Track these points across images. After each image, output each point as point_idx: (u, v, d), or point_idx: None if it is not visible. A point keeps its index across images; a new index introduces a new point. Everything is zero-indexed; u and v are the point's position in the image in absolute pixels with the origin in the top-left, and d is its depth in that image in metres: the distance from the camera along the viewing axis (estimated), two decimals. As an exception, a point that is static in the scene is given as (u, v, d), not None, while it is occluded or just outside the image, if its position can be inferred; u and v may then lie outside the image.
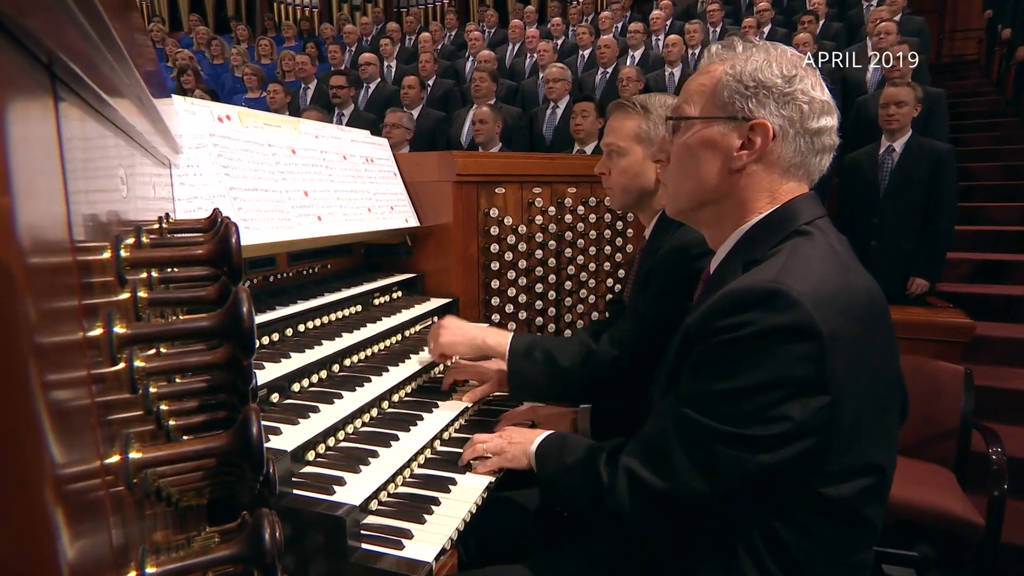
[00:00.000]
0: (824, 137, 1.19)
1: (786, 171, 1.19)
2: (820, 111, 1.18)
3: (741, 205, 1.22)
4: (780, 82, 1.17)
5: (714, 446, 1.03)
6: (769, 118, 1.16)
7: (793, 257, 1.08)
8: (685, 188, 1.26)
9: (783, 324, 0.99)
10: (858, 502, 1.07)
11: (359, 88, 6.83)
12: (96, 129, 0.54)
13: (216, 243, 0.51)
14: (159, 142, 1.03)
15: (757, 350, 1.00)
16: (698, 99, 1.24)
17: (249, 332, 0.45)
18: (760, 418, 1.00)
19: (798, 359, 0.99)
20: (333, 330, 1.78)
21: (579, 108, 4.76)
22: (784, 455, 1.01)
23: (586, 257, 2.75)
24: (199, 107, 1.65)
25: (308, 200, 1.88)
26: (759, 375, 1.00)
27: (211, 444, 0.46)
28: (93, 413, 0.37)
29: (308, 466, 1.33)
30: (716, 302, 1.05)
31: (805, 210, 1.19)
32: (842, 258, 1.13)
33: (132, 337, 0.44)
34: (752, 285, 1.03)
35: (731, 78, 1.19)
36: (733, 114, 1.19)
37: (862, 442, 1.06)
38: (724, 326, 1.03)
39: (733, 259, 1.20)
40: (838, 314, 1.01)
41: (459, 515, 1.28)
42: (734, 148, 1.19)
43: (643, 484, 1.11)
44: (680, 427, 1.07)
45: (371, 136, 2.45)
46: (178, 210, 1.46)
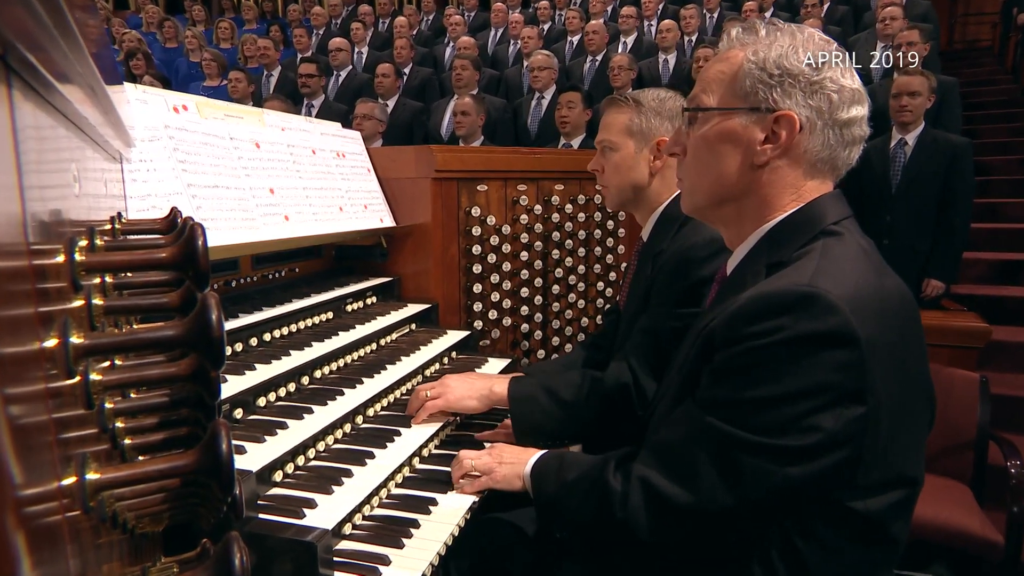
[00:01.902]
0: (854, 128, 1.19)
1: (813, 166, 1.20)
2: (851, 100, 1.17)
3: (764, 202, 1.22)
4: (807, 70, 1.16)
5: (741, 456, 1.04)
6: (795, 109, 1.16)
7: (825, 259, 1.09)
8: (703, 184, 1.26)
9: (821, 330, 1.00)
10: (886, 517, 1.09)
11: (328, 76, 6.82)
12: (47, 119, 0.54)
13: (181, 246, 0.51)
14: (110, 134, 1.03)
15: (792, 357, 1.01)
16: (717, 88, 1.23)
17: (219, 341, 0.45)
18: (792, 428, 1.01)
19: (835, 367, 1.00)
20: (302, 339, 1.78)
21: (565, 99, 4.79)
22: (815, 467, 1.02)
23: (575, 259, 2.76)
24: (152, 96, 1.64)
25: (274, 198, 1.88)
26: (793, 383, 1.01)
27: (177, 463, 0.46)
28: (51, 430, 0.37)
29: (275, 487, 1.32)
30: (745, 306, 1.05)
31: (831, 209, 1.20)
32: (873, 260, 1.14)
33: (90, 348, 0.44)
34: (786, 288, 1.04)
35: (754, 65, 1.18)
36: (756, 105, 1.18)
37: (895, 453, 1.07)
38: (755, 331, 1.03)
39: (754, 260, 1.21)
40: (875, 319, 1.02)
41: (440, 538, 1.29)
42: (757, 142, 1.19)
43: (661, 495, 1.12)
44: (704, 436, 1.08)
45: (342, 129, 2.45)
46: (130, 209, 1.45)
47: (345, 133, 2.44)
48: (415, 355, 2.01)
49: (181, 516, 0.68)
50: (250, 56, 7.71)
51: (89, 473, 0.46)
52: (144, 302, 0.55)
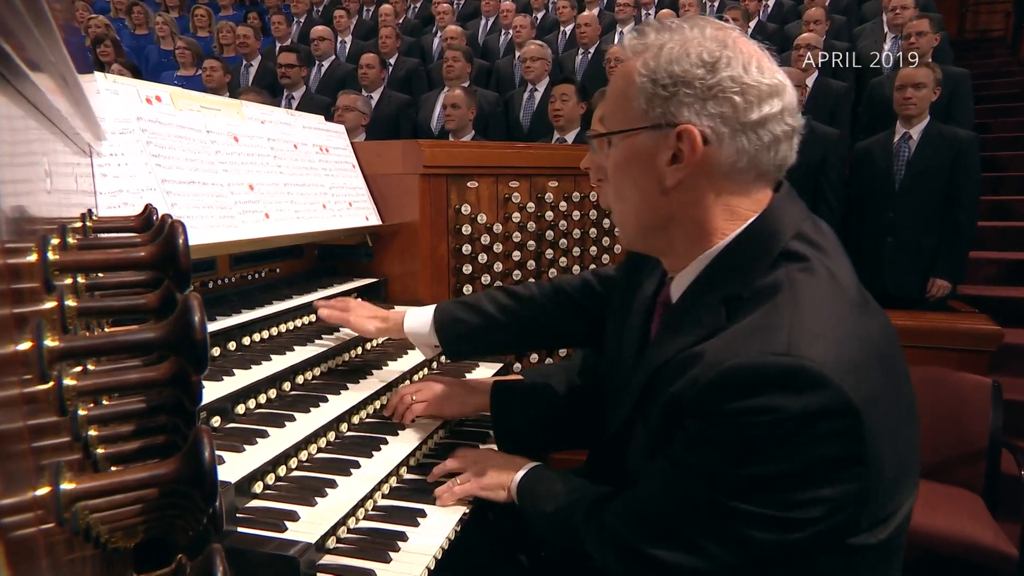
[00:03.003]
0: (772, 126, 1.11)
1: (734, 177, 1.13)
2: (759, 98, 1.10)
3: (696, 227, 1.17)
4: (701, 73, 1.09)
5: (743, 529, 1.02)
6: (695, 120, 1.10)
7: (797, 309, 1.03)
8: (625, 214, 1.23)
9: (813, 408, 0.96)
10: (892, 537, 1.09)
11: (310, 67, 6.81)
12: (17, 110, 0.54)
13: (161, 244, 0.51)
14: (80, 126, 1.02)
15: (784, 437, 0.97)
16: (616, 108, 1.19)
17: (202, 344, 0.45)
18: (796, 503, 1.00)
19: (833, 439, 0.98)
20: (283, 343, 1.77)
21: (558, 91, 4.80)
22: (818, 529, 1.01)
23: (569, 259, 2.77)
24: (123, 86, 1.64)
25: (253, 195, 1.87)
26: (790, 463, 0.98)
27: (157, 472, 0.46)
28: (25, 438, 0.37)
29: (255, 499, 1.32)
30: (718, 380, 1.00)
31: (784, 220, 1.15)
32: (849, 293, 1.09)
33: (65, 351, 0.44)
34: (765, 363, 0.98)
35: (645, 79, 1.12)
36: (655, 122, 1.12)
37: (897, 484, 1.07)
38: (737, 410, 0.98)
39: (706, 290, 1.15)
40: (866, 375, 1.00)
41: (429, 551, 1.29)
42: (664, 162, 1.13)
43: (641, 555, 1.11)
44: (694, 507, 1.06)
45: (325, 122, 2.45)
46: (101, 206, 1.45)
47: (328, 127, 2.44)
48: (402, 359, 2.00)
49: (157, 529, 0.68)
50: (226, 44, 7.68)
51: (63, 483, 0.46)
52: (120, 303, 0.55)
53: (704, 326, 1.11)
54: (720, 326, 1.09)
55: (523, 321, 1.73)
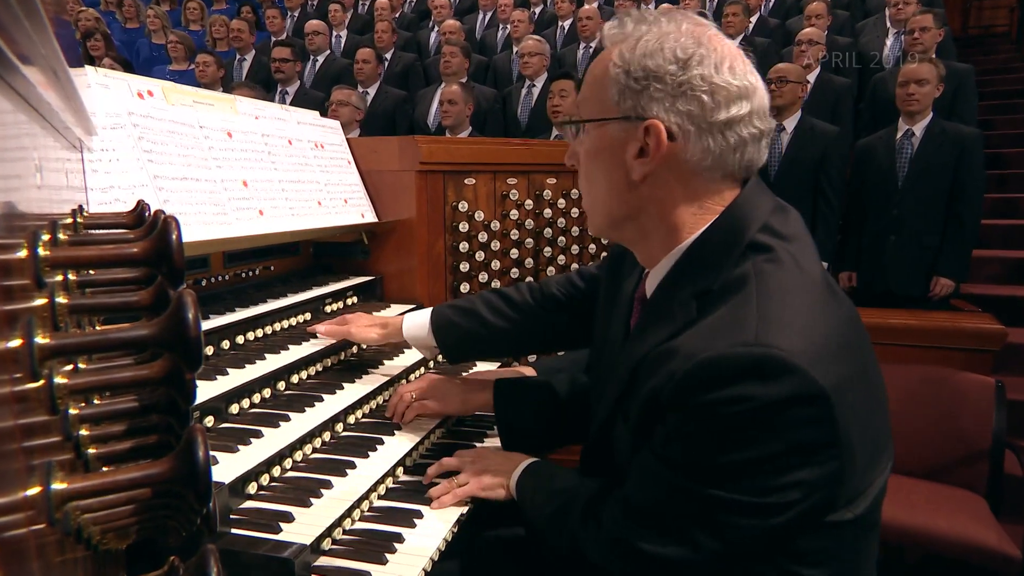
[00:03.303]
0: (739, 128, 1.13)
1: (700, 175, 1.16)
2: (727, 98, 1.12)
3: (664, 221, 1.20)
4: (673, 68, 1.11)
5: (725, 517, 1.06)
6: (663, 116, 1.12)
7: (765, 299, 1.06)
8: (596, 202, 1.26)
9: (784, 395, 0.99)
10: (870, 510, 1.13)
11: (305, 62, 6.80)
12: (8, 104, 0.54)
13: (154, 240, 0.51)
14: (71, 121, 1.02)
15: (758, 424, 1.01)
16: (591, 96, 1.21)
17: (196, 341, 0.45)
18: (772, 488, 1.03)
19: (805, 425, 1.01)
20: (278, 342, 1.77)
21: (557, 87, 4.80)
22: (798, 511, 1.05)
23: (568, 257, 2.77)
24: (114, 80, 1.63)
25: (248, 191, 1.87)
26: (765, 449, 1.02)
27: (151, 471, 0.46)
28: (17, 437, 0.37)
29: (249, 500, 1.32)
30: (694, 372, 1.03)
31: (751, 214, 1.16)
32: (815, 281, 1.12)
33: (57, 348, 0.44)
34: (735, 354, 1.01)
35: (620, 70, 1.15)
36: (626, 114, 1.15)
37: (871, 463, 1.12)
38: (711, 401, 1.02)
39: (677, 285, 1.18)
40: (834, 362, 1.03)
41: (426, 553, 1.29)
42: (631, 155, 1.16)
43: (639, 552, 1.14)
44: (679, 498, 1.09)
45: (320, 118, 2.44)
46: (92, 202, 1.44)
47: (324, 122, 2.44)
48: (399, 358, 2.01)
49: (149, 531, 0.68)
50: (219, 38, 7.67)
51: (55, 483, 0.46)
52: (112, 300, 0.55)
53: (676, 321, 1.14)
54: (691, 320, 1.12)
55: (519, 326, 1.77)
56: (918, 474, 2.83)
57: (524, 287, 1.82)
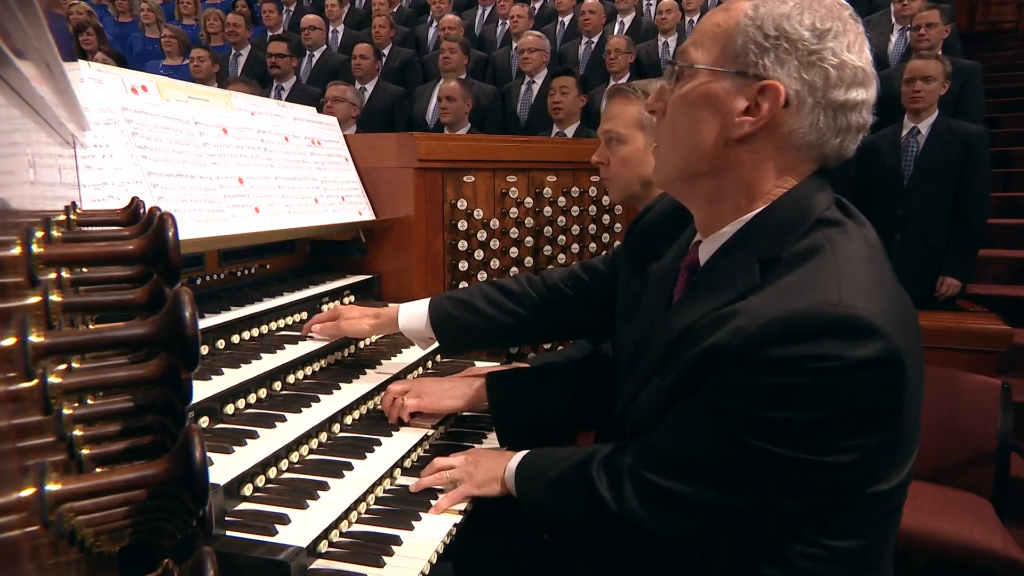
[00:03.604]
0: (852, 114, 1.15)
1: (798, 150, 1.16)
2: (851, 80, 1.12)
3: (744, 185, 1.19)
4: (808, 35, 1.11)
5: (771, 470, 1.08)
6: (785, 80, 1.12)
7: (843, 263, 1.08)
8: (675, 152, 1.23)
9: (866, 357, 1.01)
10: (900, 488, 1.17)
11: (301, 57, 6.79)
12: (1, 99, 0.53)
13: (150, 237, 0.51)
14: (64, 116, 1.02)
15: (835, 385, 1.02)
16: (709, 43, 1.19)
17: (193, 340, 0.45)
18: (832, 448, 1.05)
19: (879, 388, 1.03)
20: (274, 341, 1.77)
21: (558, 83, 4.80)
22: (847, 476, 1.08)
23: (568, 256, 2.77)
24: (107, 75, 1.63)
25: (243, 188, 1.87)
26: (836, 409, 1.03)
27: (146, 472, 0.46)
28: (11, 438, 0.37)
29: (244, 502, 1.32)
30: (769, 327, 1.04)
31: (820, 195, 1.18)
32: (882, 256, 1.16)
33: (52, 347, 0.44)
34: (820, 310, 1.03)
35: (751, 23, 1.13)
36: (744, 69, 1.14)
37: (913, 439, 1.16)
38: (789, 356, 1.02)
39: (738, 252, 1.18)
40: (904, 329, 1.05)
41: (424, 556, 1.28)
42: (736, 111, 1.15)
43: (662, 490, 1.16)
44: (728, 447, 1.10)
45: (317, 114, 2.45)
46: (84, 199, 1.44)
47: (320, 119, 2.44)
48: (396, 358, 2.01)
49: (144, 533, 0.68)
50: (213, 33, 7.65)
51: (49, 484, 0.46)
52: (107, 299, 0.55)
53: (737, 286, 1.14)
54: (755, 285, 1.13)
55: (519, 320, 1.78)
56: (923, 477, 2.83)
57: (523, 279, 1.83)
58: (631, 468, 1.20)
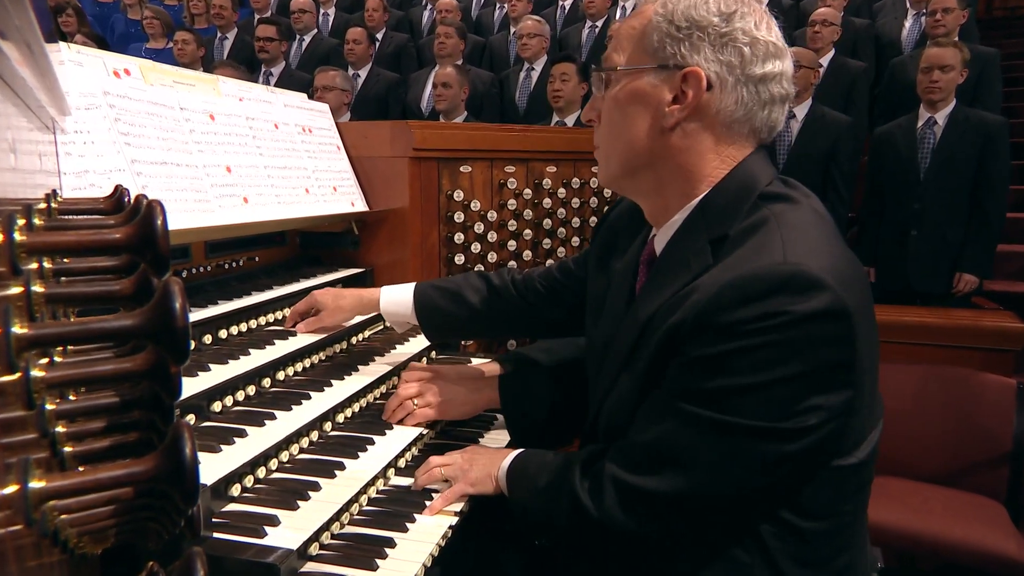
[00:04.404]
0: (771, 85, 1.24)
1: (728, 127, 1.25)
2: (765, 54, 1.22)
3: (685, 171, 1.28)
4: (717, 20, 1.21)
5: (739, 443, 1.13)
6: (703, 65, 1.22)
7: (787, 229, 1.15)
8: (615, 150, 1.33)
9: (816, 309, 1.07)
10: (866, 463, 1.22)
11: (291, 41, 6.77)
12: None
13: (138, 225, 0.51)
14: (45, 100, 1.02)
15: (787, 341, 1.08)
16: (627, 45, 1.30)
17: (183, 332, 0.45)
18: (793, 411, 1.10)
19: (830, 343, 1.09)
20: (263, 337, 1.77)
21: (558, 71, 4.79)
22: (812, 440, 1.12)
23: (568, 249, 2.77)
24: (89, 57, 1.62)
25: (231, 177, 1.87)
26: (791, 367, 1.08)
27: (135, 469, 0.46)
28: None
29: (232, 503, 1.32)
30: (722, 293, 1.11)
31: (762, 170, 1.27)
32: (829, 222, 1.23)
33: (35, 339, 0.44)
34: (767, 270, 1.09)
35: (662, 19, 1.24)
36: (664, 62, 1.24)
37: (872, 405, 1.22)
38: (743, 318, 1.08)
39: (690, 236, 1.26)
40: (853, 288, 1.11)
41: (419, 559, 1.29)
42: (665, 102, 1.25)
43: (640, 490, 1.20)
44: (694, 428, 1.15)
45: (308, 100, 2.44)
46: (65, 187, 1.44)
47: (312, 105, 2.43)
48: (390, 355, 2.01)
49: (129, 534, 0.68)
50: (197, 14, 7.63)
51: (32, 481, 0.46)
52: (93, 290, 0.55)
53: (693, 268, 1.22)
54: (707, 265, 1.21)
55: (500, 315, 1.86)
56: (934, 479, 2.84)
57: (506, 274, 1.89)
58: (611, 474, 1.24)
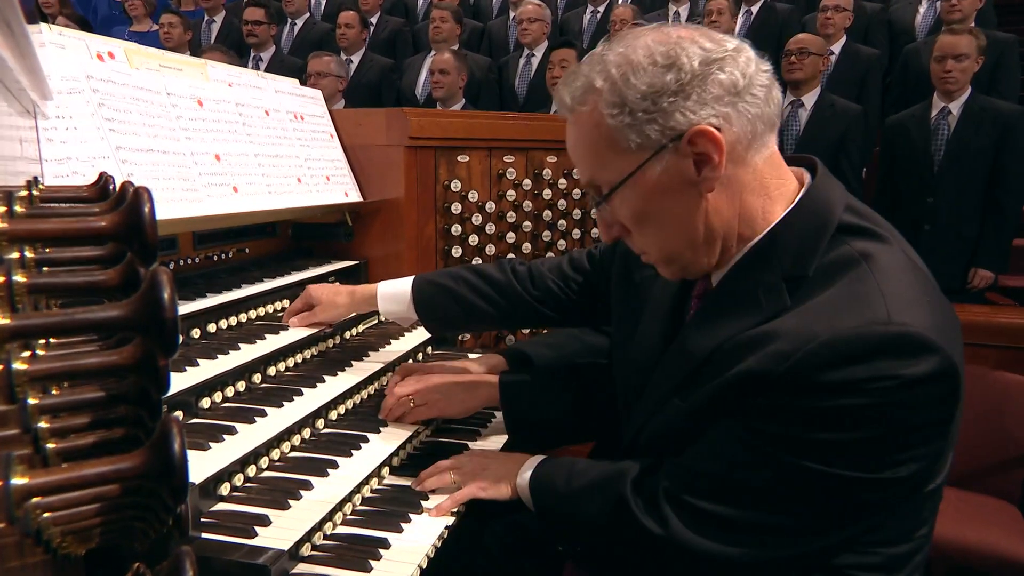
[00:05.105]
0: (757, 79, 1.18)
1: (750, 145, 1.19)
2: (733, 64, 1.15)
3: (740, 218, 1.23)
4: (670, 76, 1.13)
5: (833, 492, 1.12)
6: (695, 119, 1.14)
7: (883, 277, 1.12)
8: (677, 247, 1.25)
9: (925, 372, 1.05)
10: (941, 484, 1.23)
11: (281, 25, 6.75)
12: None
13: (124, 213, 0.51)
14: (26, 83, 1.01)
15: (895, 402, 1.07)
16: (603, 158, 1.22)
17: (172, 323, 0.45)
18: (891, 462, 1.10)
19: (938, 403, 1.09)
20: (253, 331, 1.77)
21: (557, 57, 4.79)
22: (906, 487, 1.14)
23: (569, 242, 2.77)
24: (71, 40, 1.62)
25: (220, 166, 1.86)
26: (896, 425, 1.08)
27: (122, 465, 0.46)
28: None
29: (221, 502, 1.32)
30: (817, 352, 1.07)
31: (830, 194, 1.22)
32: (920, 266, 1.20)
33: (18, 330, 0.43)
34: (869, 332, 1.06)
35: (617, 113, 1.16)
36: (658, 144, 1.16)
37: (956, 432, 1.19)
38: (848, 379, 1.06)
39: (758, 272, 1.21)
40: (954, 339, 1.10)
41: (414, 560, 1.29)
42: (692, 174, 1.17)
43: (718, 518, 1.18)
44: (784, 474, 1.13)
45: (300, 86, 2.43)
46: (47, 174, 1.43)
47: (304, 91, 2.43)
48: (384, 350, 2.01)
49: (114, 533, 0.68)
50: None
51: (14, 477, 0.46)
52: (77, 280, 0.55)
53: (764, 308, 1.17)
54: (783, 306, 1.16)
55: (505, 312, 1.84)
56: (947, 481, 2.84)
57: (508, 268, 1.86)
58: (668, 491, 1.22)
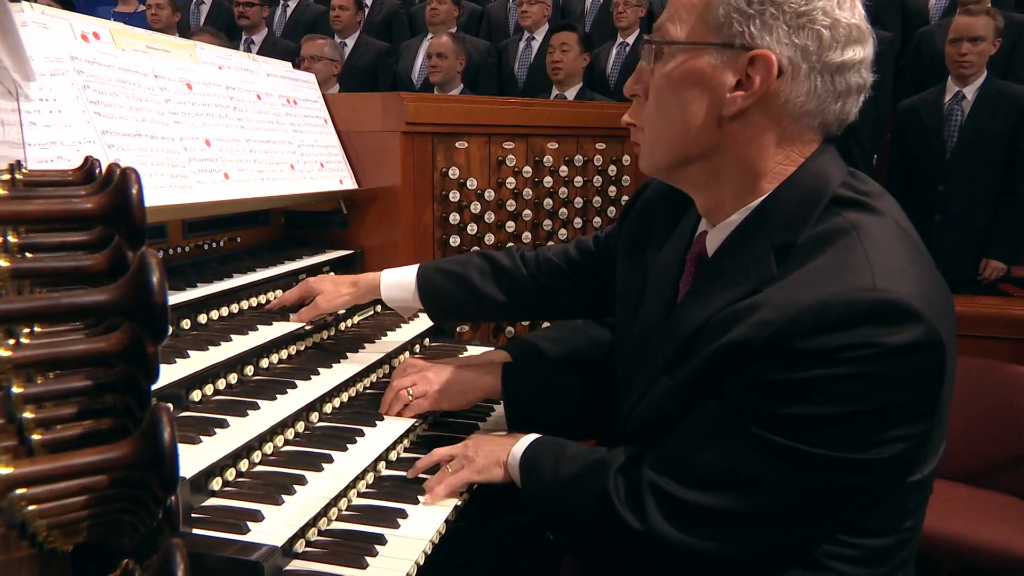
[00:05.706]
0: (850, 74, 1.16)
1: (797, 120, 1.18)
2: (846, 39, 1.14)
3: (744, 166, 1.22)
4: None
5: (812, 472, 1.11)
6: (775, 47, 1.13)
7: (871, 246, 1.10)
8: (665, 136, 1.25)
9: (908, 341, 1.04)
10: (930, 477, 1.21)
11: (274, 7, 6.73)
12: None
13: (111, 194, 0.50)
14: (8, 62, 1.00)
15: (876, 372, 1.05)
16: (687, 16, 1.21)
17: (161, 308, 0.45)
18: (872, 441, 1.08)
19: (921, 375, 1.07)
20: (245, 322, 1.77)
21: (557, 40, 4.78)
22: (887, 470, 1.12)
23: (570, 231, 2.77)
24: (54, 19, 1.61)
25: (211, 151, 1.86)
26: (877, 399, 1.06)
27: (110, 455, 0.46)
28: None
29: (213, 497, 1.32)
30: (798, 318, 1.06)
31: (832, 168, 1.21)
32: (912, 236, 1.18)
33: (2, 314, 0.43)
34: (854, 297, 1.05)
35: None
36: (730, 40, 1.15)
37: (943, 424, 1.19)
38: (828, 347, 1.05)
39: (748, 240, 1.21)
40: (942, 313, 1.08)
41: (411, 556, 1.29)
42: (727, 87, 1.16)
43: (694, 507, 1.17)
44: (762, 453, 1.12)
45: (293, 70, 2.43)
46: (30, 159, 1.43)
47: (297, 75, 2.42)
48: (381, 342, 2.01)
49: (102, 527, 0.68)
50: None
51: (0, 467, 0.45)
52: (62, 264, 0.55)
53: (752, 278, 1.17)
54: (771, 276, 1.15)
55: (513, 298, 1.82)
56: (957, 477, 2.84)
57: (515, 254, 1.85)
58: (652, 483, 1.21)
